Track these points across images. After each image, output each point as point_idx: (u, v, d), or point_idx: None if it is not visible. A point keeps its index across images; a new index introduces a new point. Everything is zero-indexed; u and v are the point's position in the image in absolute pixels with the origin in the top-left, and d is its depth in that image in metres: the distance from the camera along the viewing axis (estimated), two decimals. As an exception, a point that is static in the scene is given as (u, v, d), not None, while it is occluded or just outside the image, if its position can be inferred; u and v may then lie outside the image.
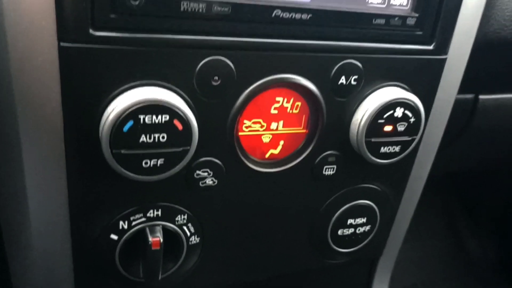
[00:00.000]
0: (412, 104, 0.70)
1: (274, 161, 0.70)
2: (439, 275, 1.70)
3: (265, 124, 0.67)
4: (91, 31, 0.53)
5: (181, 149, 0.58)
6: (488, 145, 1.15)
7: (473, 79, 0.83)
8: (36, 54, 0.53)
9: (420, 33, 0.69)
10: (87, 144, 0.58)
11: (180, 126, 0.57)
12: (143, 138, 0.56)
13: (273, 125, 0.68)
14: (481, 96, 0.98)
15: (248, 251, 0.78)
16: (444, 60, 0.73)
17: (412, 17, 0.67)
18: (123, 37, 0.54)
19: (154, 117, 0.55)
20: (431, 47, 0.71)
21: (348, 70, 0.66)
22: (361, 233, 0.84)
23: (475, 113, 0.98)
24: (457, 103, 0.83)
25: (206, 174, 0.66)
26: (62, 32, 0.52)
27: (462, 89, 0.81)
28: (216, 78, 0.60)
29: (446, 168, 1.16)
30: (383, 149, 0.71)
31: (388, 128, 0.70)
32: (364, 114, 0.68)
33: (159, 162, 0.58)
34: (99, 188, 0.62)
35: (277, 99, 0.66)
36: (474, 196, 1.80)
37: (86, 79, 0.55)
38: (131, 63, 0.56)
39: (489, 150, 1.21)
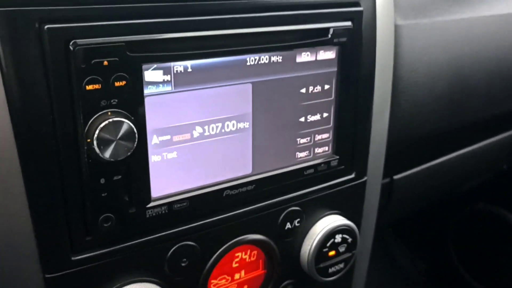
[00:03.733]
0: (348, 228, 0.82)
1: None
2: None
3: (229, 277, 0.76)
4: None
5: None
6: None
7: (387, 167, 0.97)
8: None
9: (342, 167, 0.81)
10: None
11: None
12: None
13: (237, 276, 0.77)
14: (395, 177, 1.13)
15: None
16: (365, 181, 0.86)
17: (335, 159, 0.79)
18: (100, 253, 0.61)
19: None
20: (353, 175, 0.83)
21: (291, 217, 0.77)
22: None
23: (392, 194, 1.13)
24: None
25: None
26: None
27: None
28: (185, 259, 0.68)
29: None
30: (331, 270, 0.83)
31: (332, 252, 0.81)
32: (310, 248, 0.79)
33: None
34: None
35: (237, 254, 0.75)
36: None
37: None
38: (112, 272, 0.63)
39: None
